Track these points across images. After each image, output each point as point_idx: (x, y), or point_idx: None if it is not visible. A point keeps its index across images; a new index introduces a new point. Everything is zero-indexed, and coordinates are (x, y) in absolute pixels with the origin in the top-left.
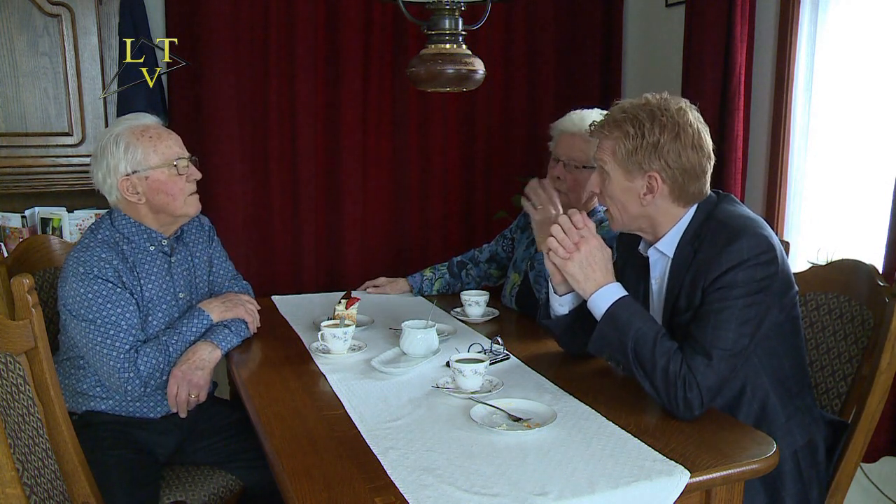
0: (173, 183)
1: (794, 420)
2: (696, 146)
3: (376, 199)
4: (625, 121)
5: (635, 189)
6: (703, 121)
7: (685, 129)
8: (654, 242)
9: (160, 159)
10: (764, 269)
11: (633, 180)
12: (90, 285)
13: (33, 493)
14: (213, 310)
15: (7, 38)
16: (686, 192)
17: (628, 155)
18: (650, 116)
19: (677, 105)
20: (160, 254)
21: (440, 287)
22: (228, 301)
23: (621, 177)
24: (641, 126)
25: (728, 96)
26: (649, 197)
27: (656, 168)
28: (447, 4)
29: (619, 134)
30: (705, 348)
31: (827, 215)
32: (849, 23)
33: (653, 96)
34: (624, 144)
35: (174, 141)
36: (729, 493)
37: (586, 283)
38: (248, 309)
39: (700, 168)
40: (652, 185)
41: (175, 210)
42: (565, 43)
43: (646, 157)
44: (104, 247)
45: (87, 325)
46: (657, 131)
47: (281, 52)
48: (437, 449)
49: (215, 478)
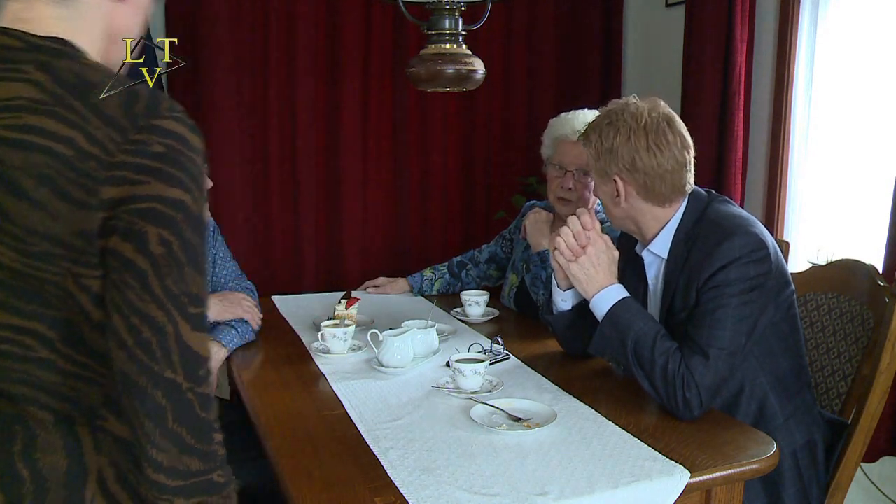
0: None
1: (794, 420)
2: (654, 146)
3: (376, 199)
4: (592, 128)
5: (609, 192)
6: (672, 119)
7: (637, 132)
8: (647, 244)
9: None
10: (757, 267)
11: (606, 184)
12: None
13: None
14: (211, 308)
15: None
16: (655, 192)
17: (595, 161)
18: (609, 122)
19: (637, 108)
20: None
21: (440, 287)
22: (226, 300)
23: (599, 182)
24: (599, 132)
25: (728, 96)
26: (619, 199)
27: (615, 171)
28: (447, 4)
29: (586, 141)
30: (702, 348)
31: (827, 215)
32: (849, 23)
33: (620, 101)
34: (590, 151)
35: None
36: (729, 493)
37: (588, 285)
38: (245, 307)
39: (661, 168)
40: (617, 188)
41: None
42: (565, 43)
43: (606, 162)
44: None
45: None
46: (612, 135)
47: (281, 52)
48: (437, 449)
49: None
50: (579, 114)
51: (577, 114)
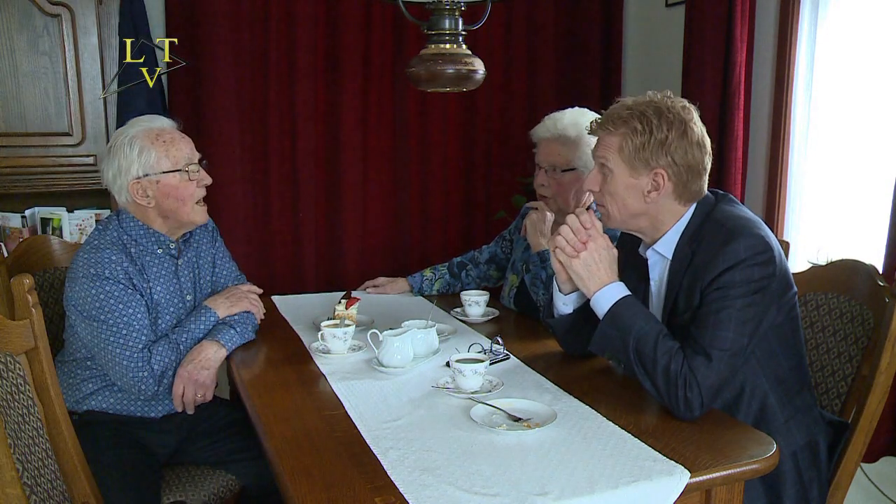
0: (184, 188)
1: (794, 421)
2: (701, 144)
3: (376, 199)
4: (632, 117)
5: (640, 186)
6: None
7: (691, 127)
8: (653, 244)
9: (171, 163)
10: (761, 270)
11: (639, 177)
12: (102, 286)
13: (33, 493)
14: (219, 306)
15: (7, 38)
16: (688, 190)
17: (636, 151)
18: (657, 113)
19: (681, 103)
20: (167, 256)
21: (440, 287)
22: (232, 296)
23: (625, 174)
24: (649, 122)
25: (728, 96)
26: (654, 194)
27: (663, 165)
28: (447, 4)
29: (625, 130)
30: (705, 348)
31: (827, 215)
32: (849, 23)
33: (656, 94)
34: (632, 141)
35: (186, 144)
36: (729, 493)
37: (590, 282)
38: (251, 300)
39: (703, 166)
40: (658, 181)
41: (182, 216)
42: (565, 43)
43: (653, 154)
44: (113, 248)
45: (98, 325)
46: (665, 128)
47: (281, 52)
48: (437, 449)
49: (215, 478)
50: (557, 113)
51: (556, 115)
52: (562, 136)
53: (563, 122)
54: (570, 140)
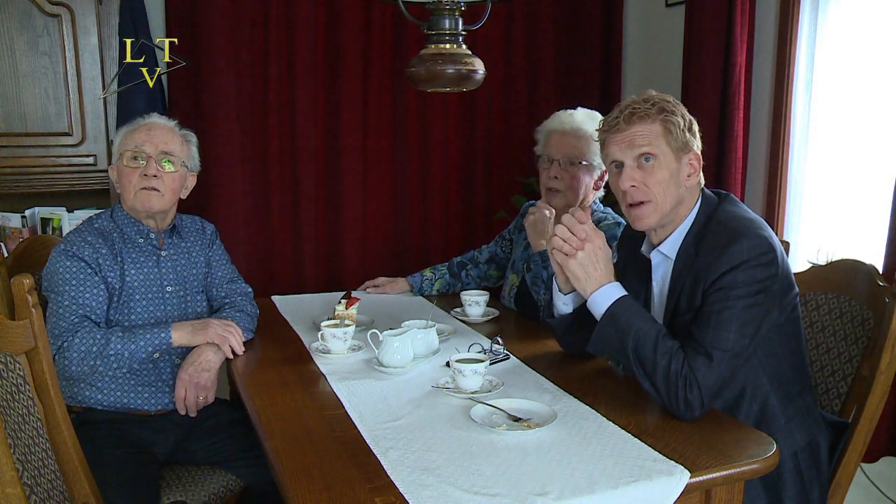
0: (127, 174)
1: (795, 421)
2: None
3: (376, 199)
4: (665, 106)
5: (682, 171)
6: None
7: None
8: (658, 244)
9: (121, 150)
10: (764, 270)
11: (679, 162)
12: (63, 261)
13: (33, 493)
14: (181, 329)
15: (7, 38)
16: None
17: (681, 134)
18: (675, 102)
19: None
20: (149, 246)
21: (440, 287)
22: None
23: (672, 160)
24: (678, 109)
25: (728, 96)
26: (693, 177)
27: (695, 147)
28: (447, 4)
29: (665, 115)
30: (706, 349)
31: (827, 215)
32: (849, 23)
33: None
34: (674, 124)
35: (143, 135)
36: (729, 494)
37: (587, 282)
38: (217, 333)
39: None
40: (694, 164)
41: (127, 201)
42: (565, 43)
43: (692, 137)
44: (94, 233)
45: (52, 297)
46: (687, 115)
47: (281, 52)
48: (437, 449)
49: (215, 477)
50: (570, 110)
51: (569, 111)
52: (579, 130)
53: (577, 117)
54: (585, 135)
